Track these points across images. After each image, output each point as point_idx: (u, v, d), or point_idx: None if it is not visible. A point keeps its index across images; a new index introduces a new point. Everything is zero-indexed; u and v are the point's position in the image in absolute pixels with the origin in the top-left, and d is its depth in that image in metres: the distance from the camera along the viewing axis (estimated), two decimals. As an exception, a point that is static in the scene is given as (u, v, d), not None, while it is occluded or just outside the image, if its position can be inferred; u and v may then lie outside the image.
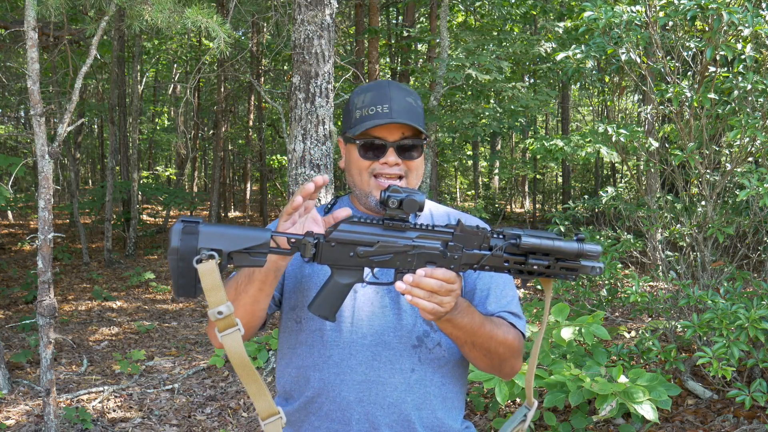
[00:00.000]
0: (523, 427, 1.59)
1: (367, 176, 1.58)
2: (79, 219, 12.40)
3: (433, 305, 1.33)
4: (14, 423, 4.55)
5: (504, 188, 20.65)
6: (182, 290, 1.28)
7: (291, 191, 4.94)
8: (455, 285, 1.35)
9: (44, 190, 3.97)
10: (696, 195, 5.00)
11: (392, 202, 1.34)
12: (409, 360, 1.57)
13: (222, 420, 4.69)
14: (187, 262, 1.25)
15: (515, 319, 1.61)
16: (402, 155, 1.57)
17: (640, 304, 4.40)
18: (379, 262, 1.36)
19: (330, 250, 1.34)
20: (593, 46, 4.63)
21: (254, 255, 1.28)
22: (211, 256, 1.23)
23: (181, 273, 1.26)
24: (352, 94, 1.64)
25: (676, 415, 4.19)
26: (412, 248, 1.36)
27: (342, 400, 1.56)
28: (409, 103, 1.58)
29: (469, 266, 1.38)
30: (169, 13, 4.02)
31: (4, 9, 7.84)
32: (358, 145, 1.57)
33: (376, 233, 1.36)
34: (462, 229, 1.38)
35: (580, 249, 1.37)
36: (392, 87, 1.59)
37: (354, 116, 1.59)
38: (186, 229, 1.25)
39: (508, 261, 1.38)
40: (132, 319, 7.80)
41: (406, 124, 1.55)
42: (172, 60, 18.01)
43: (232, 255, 1.27)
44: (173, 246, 1.25)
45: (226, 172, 19.78)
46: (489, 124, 8.99)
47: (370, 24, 10.48)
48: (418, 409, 1.57)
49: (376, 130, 1.56)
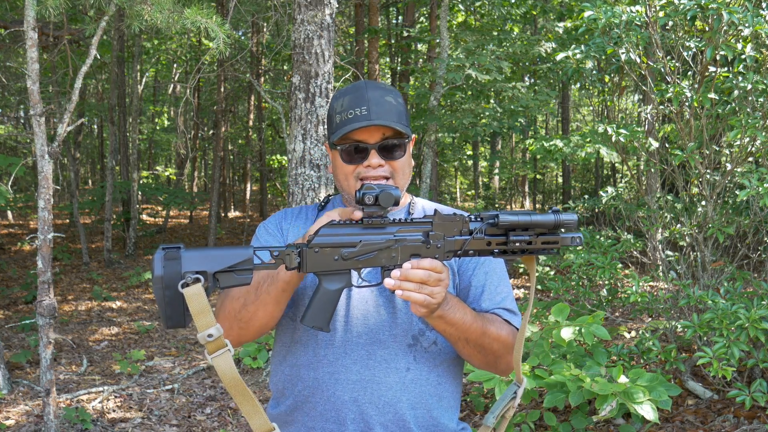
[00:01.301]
0: (514, 404, 1.59)
1: (353, 180, 1.57)
2: (79, 219, 12.40)
3: (424, 296, 1.34)
4: (14, 423, 4.55)
5: (504, 188, 20.65)
6: (171, 321, 1.26)
7: (291, 191, 4.94)
8: (443, 274, 1.36)
9: (44, 190, 3.97)
10: (696, 195, 4.99)
11: (368, 198, 1.35)
12: (405, 359, 1.56)
13: (222, 420, 4.69)
14: (173, 289, 1.24)
15: (510, 315, 1.61)
16: (385, 156, 1.56)
17: (640, 304, 4.40)
18: (364, 261, 1.37)
19: (314, 256, 1.34)
20: (593, 46, 4.63)
21: (239, 273, 1.28)
22: (197, 279, 1.23)
23: (168, 302, 1.25)
24: (332, 98, 1.64)
25: (676, 415, 4.18)
26: (395, 242, 1.37)
27: (336, 400, 1.55)
28: (388, 102, 1.56)
29: (453, 253, 1.39)
30: (168, 13, 4.01)
31: (4, 9, 7.84)
32: (340, 150, 1.56)
33: (357, 233, 1.37)
34: (440, 218, 1.39)
35: (557, 220, 1.39)
36: (369, 87, 1.57)
37: (334, 121, 1.58)
38: (167, 256, 1.24)
39: (490, 243, 1.40)
40: (132, 319, 7.80)
41: (387, 126, 1.53)
42: (171, 60, 18.01)
43: (217, 275, 1.27)
44: (157, 275, 1.24)
45: (226, 172, 19.78)
46: (489, 124, 8.99)
47: (370, 24, 10.48)
48: (413, 409, 1.56)
49: (356, 134, 1.54)
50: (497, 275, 1.64)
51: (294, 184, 4.90)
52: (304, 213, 1.72)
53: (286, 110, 8.79)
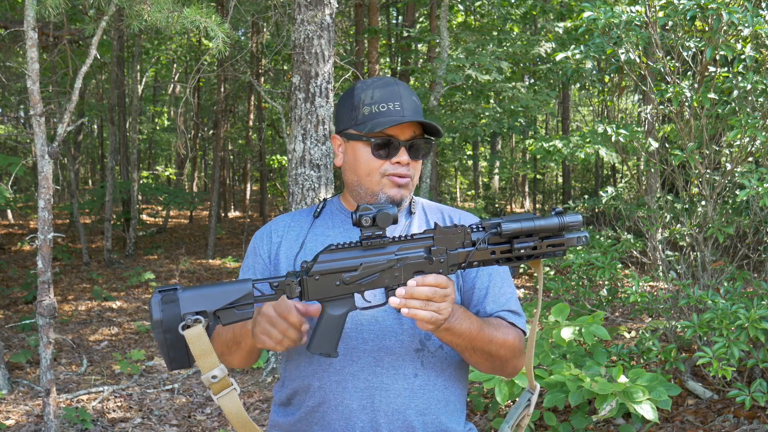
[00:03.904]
0: (529, 411, 1.57)
1: (378, 176, 1.53)
2: (79, 219, 12.39)
3: (431, 314, 1.30)
4: (14, 423, 4.55)
5: (504, 188, 20.64)
6: (176, 363, 1.26)
7: (291, 191, 4.94)
8: (449, 289, 1.32)
9: (44, 190, 3.97)
10: (696, 195, 4.99)
11: (365, 220, 1.31)
12: (412, 365, 1.53)
13: (222, 420, 4.69)
14: (174, 332, 1.22)
15: (515, 317, 1.59)
16: (411, 155, 1.54)
17: (640, 304, 4.40)
18: (367, 284, 1.33)
19: (315, 284, 1.31)
20: (592, 46, 4.63)
21: (240, 308, 1.27)
22: (197, 320, 1.21)
23: (170, 345, 1.23)
24: (354, 88, 1.58)
25: (676, 415, 4.18)
26: (397, 261, 1.33)
27: (345, 409, 1.51)
28: (415, 102, 1.55)
29: (457, 266, 1.36)
30: (167, 12, 4.01)
31: (4, 9, 7.84)
32: (372, 143, 1.52)
33: (357, 256, 1.33)
34: (441, 231, 1.35)
35: (561, 222, 1.36)
36: (400, 85, 1.56)
37: (361, 112, 1.53)
38: (165, 299, 1.23)
39: (495, 252, 1.37)
40: (132, 319, 7.80)
41: (416, 124, 1.52)
42: (171, 60, 18.01)
43: (218, 313, 1.25)
44: (156, 319, 1.22)
45: (226, 172, 19.77)
46: (489, 124, 8.99)
47: (370, 24, 10.48)
48: (421, 415, 1.53)
49: (390, 129, 1.52)
50: (501, 277, 1.62)
51: (294, 184, 4.90)
52: (297, 222, 1.66)
53: (286, 110, 8.79)
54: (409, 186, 1.56)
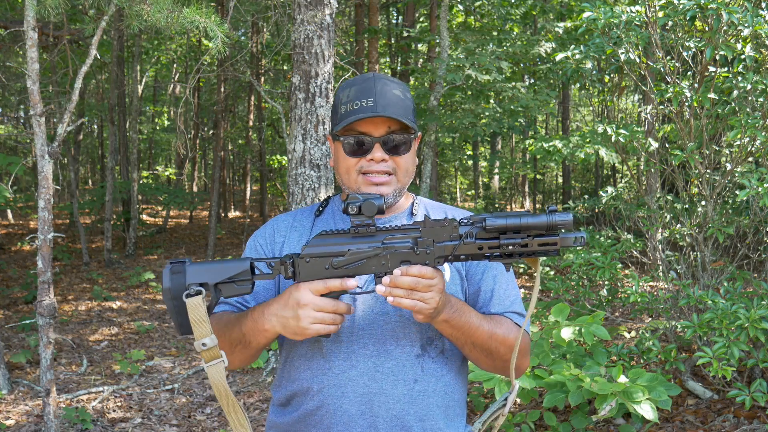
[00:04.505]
0: (504, 411, 1.57)
1: (355, 174, 1.53)
2: (79, 219, 12.40)
3: (414, 302, 1.34)
4: (14, 423, 4.55)
5: (504, 188, 20.64)
6: (183, 328, 1.39)
7: (291, 191, 4.94)
8: (434, 280, 1.34)
9: (44, 190, 3.97)
10: (696, 195, 4.99)
11: (351, 208, 1.38)
12: (413, 370, 1.52)
13: (222, 420, 4.69)
14: (179, 300, 1.37)
15: (520, 318, 1.59)
16: (390, 151, 1.52)
17: (640, 304, 4.40)
18: (353, 269, 1.39)
19: (306, 266, 1.39)
20: (592, 46, 4.62)
21: (239, 283, 1.40)
22: (198, 291, 1.35)
23: (177, 311, 1.38)
24: (338, 89, 1.59)
25: (676, 415, 4.18)
26: (383, 250, 1.38)
27: (343, 414, 1.50)
28: (396, 96, 1.51)
29: (444, 258, 1.39)
30: (167, 12, 4.01)
31: (4, 9, 7.84)
32: (343, 141, 1.52)
33: (346, 242, 1.39)
34: (429, 224, 1.39)
35: (549, 221, 1.35)
36: (378, 79, 1.52)
37: (339, 112, 1.53)
38: (173, 270, 1.39)
39: (482, 247, 1.38)
40: (132, 319, 7.80)
41: (393, 118, 1.49)
42: (171, 60, 18.01)
43: (218, 286, 1.39)
44: (165, 287, 1.38)
45: (226, 172, 19.77)
46: (489, 124, 8.99)
47: (370, 24, 10.48)
48: (420, 421, 1.52)
49: (360, 125, 1.50)
50: (506, 278, 1.62)
51: (294, 184, 4.90)
52: (299, 221, 1.66)
53: (286, 110, 8.80)
54: (392, 183, 1.55)
